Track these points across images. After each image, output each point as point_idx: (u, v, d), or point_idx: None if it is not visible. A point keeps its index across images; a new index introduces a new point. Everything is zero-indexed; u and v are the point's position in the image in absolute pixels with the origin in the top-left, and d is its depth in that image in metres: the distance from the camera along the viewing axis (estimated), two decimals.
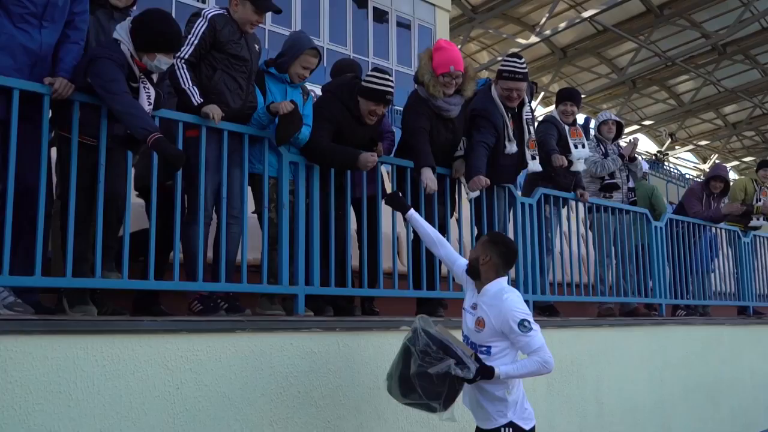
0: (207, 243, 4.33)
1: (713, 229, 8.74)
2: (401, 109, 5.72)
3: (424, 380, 3.52)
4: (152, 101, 3.97)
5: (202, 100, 4.31)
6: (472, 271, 3.86)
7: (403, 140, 5.52)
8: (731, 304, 8.98)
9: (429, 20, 20.37)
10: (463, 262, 4.04)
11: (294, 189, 4.65)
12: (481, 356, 3.69)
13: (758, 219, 9.28)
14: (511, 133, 5.60)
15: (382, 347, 4.61)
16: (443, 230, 5.32)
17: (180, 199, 4.16)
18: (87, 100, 3.77)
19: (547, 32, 24.29)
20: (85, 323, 3.50)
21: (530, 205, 6.14)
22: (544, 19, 23.69)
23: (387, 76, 4.94)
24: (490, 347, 3.73)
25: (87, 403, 3.35)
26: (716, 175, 8.89)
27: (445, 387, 3.53)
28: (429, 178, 5.10)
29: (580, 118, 7.47)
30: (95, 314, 3.86)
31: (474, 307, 3.83)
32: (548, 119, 6.96)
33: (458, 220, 6.38)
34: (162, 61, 3.91)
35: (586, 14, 23.84)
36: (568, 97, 7.04)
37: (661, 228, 7.66)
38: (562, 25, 23.63)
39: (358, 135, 5.03)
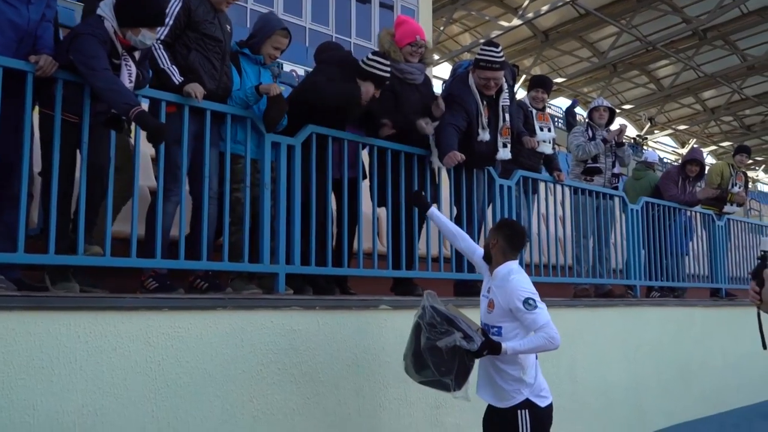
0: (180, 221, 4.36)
1: (688, 213, 8.87)
2: None
3: (435, 355, 3.68)
4: (133, 79, 3.98)
5: (182, 78, 4.34)
6: (486, 256, 4.08)
7: None
8: (704, 286, 9.15)
9: (412, 1, 20.30)
10: (481, 251, 4.22)
11: (275, 169, 4.69)
12: (493, 337, 3.82)
13: (731, 205, 9.45)
14: (485, 122, 5.66)
15: (360, 326, 4.68)
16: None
17: (163, 177, 4.18)
18: (70, 77, 3.79)
19: (530, 15, 24.25)
20: (68, 300, 3.54)
21: (509, 187, 6.23)
22: (526, 2, 23.67)
23: (387, 62, 5.10)
24: (500, 327, 3.89)
25: (69, 378, 3.40)
26: (692, 159, 9.02)
27: (456, 362, 3.67)
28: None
29: (568, 101, 7.66)
30: (77, 291, 3.89)
31: (488, 291, 4.00)
32: (517, 103, 6.98)
33: (438, 202, 6.44)
34: (147, 36, 3.92)
35: None
36: (539, 84, 7.31)
37: (636, 211, 7.78)
38: (545, 8, 23.60)
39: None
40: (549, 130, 7.07)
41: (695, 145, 31.99)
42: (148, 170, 5.82)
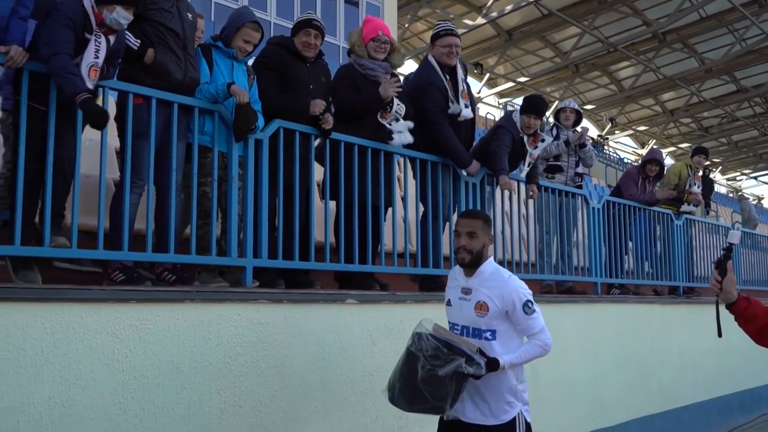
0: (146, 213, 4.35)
1: (647, 212, 9.04)
2: None
3: (432, 384, 3.44)
4: (101, 55, 3.96)
5: (139, 42, 4.37)
6: (474, 260, 3.72)
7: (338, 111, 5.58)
8: (663, 284, 9.32)
9: None
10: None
11: (243, 164, 4.69)
12: (486, 342, 3.63)
13: (689, 205, 9.66)
14: (451, 95, 5.95)
15: (327, 320, 4.72)
16: (385, 209, 5.49)
17: (129, 168, 4.16)
18: (36, 68, 3.76)
19: (494, 14, 24.48)
20: (34, 291, 3.51)
21: (474, 184, 6.31)
22: (490, 1, 23.86)
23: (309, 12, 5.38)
24: (495, 330, 3.65)
25: (36, 369, 3.38)
26: (652, 159, 9.19)
27: (453, 386, 3.46)
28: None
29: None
30: (39, 281, 3.86)
31: (467, 292, 3.73)
32: (507, 125, 6.69)
33: (403, 198, 6.49)
34: (120, 15, 3.93)
35: None
36: (534, 110, 6.69)
37: (598, 209, 7.92)
38: (509, 7, 23.83)
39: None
40: (542, 141, 6.87)
41: (654, 146, 32.55)
42: (112, 162, 5.78)
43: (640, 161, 9.81)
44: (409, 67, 25.21)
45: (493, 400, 3.65)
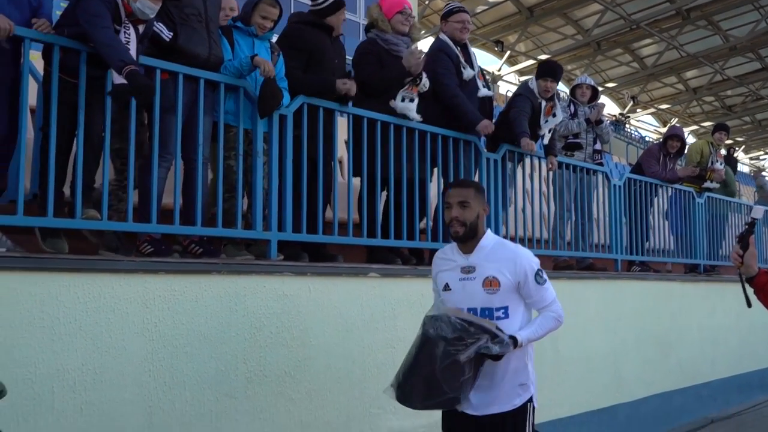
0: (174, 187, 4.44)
1: (669, 189, 9.03)
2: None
3: (451, 372, 3.15)
4: (131, 46, 4.02)
5: (171, 33, 4.41)
6: (470, 232, 3.39)
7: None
8: (683, 261, 9.32)
9: None
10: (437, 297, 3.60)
11: (268, 139, 4.75)
12: (499, 321, 3.31)
13: (711, 182, 9.64)
14: (463, 61, 6.11)
15: (350, 292, 4.79)
16: (399, 184, 5.52)
17: (157, 143, 4.24)
18: (67, 43, 3.84)
19: None
20: (68, 261, 3.61)
21: (495, 161, 6.34)
22: None
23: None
24: (507, 307, 3.36)
25: (69, 337, 3.48)
26: (673, 135, 9.17)
27: (472, 372, 3.19)
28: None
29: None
30: (66, 249, 3.96)
31: (469, 270, 3.39)
32: (524, 92, 6.87)
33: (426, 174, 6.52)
34: (145, 5, 3.97)
35: None
36: (550, 73, 6.85)
37: (619, 187, 7.92)
38: None
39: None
40: (554, 115, 6.91)
41: (678, 125, 32.25)
42: None
43: (661, 138, 9.77)
44: (428, 44, 25.11)
45: (507, 383, 3.36)
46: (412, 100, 5.58)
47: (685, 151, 9.50)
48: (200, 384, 3.94)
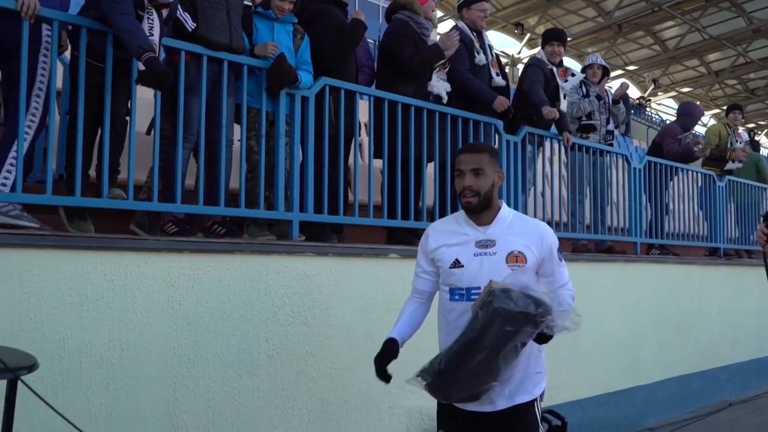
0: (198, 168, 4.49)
1: (690, 173, 8.99)
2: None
3: (511, 356, 2.80)
4: (155, 32, 4.06)
5: (195, 24, 4.44)
6: (484, 202, 3.03)
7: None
8: (704, 245, 9.30)
9: None
10: (422, 280, 3.25)
11: (290, 120, 4.80)
12: None
13: (734, 163, 9.59)
14: (477, 46, 6.22)
15: (370, 273, 4.85)
16: (419, 166, 5.60)
17: (181, 124, 4.30)
18: (94, 26, 3.90)
19: None
20: (95, 240, 3.69)
21: (515, 143, 6.35)
22: None
23: None
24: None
25: (97, 314, 3.57)
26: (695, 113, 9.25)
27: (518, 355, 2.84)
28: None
29: (572, 61, 7.62)
30: (92, 230, 4.04)
31: (487, 245, 3.00)
32: (534, 62, 7.06)
33: (443, 154, 6.55)
34: None
35: None
36: (555, 37, 7.16)
37: (639, 170, 7.91)
38: None
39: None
40: (572, 75, 7.13)
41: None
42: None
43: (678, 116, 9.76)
44: (447, 26, 25.02)
45: (528, 370, 3.02)
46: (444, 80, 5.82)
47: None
48: (223, 361, 4.01)
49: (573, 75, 6.96)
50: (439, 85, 5.74)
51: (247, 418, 4.10)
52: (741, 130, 9.95)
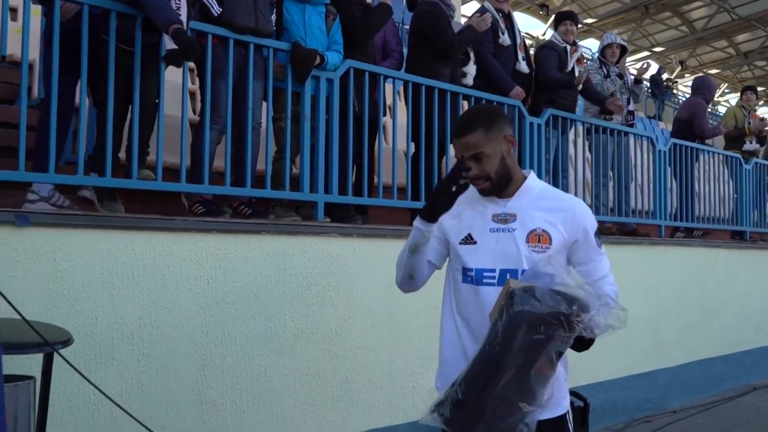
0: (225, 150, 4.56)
1: (716, 156, 8.94)
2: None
3: (546, 372, 2.19)
4: (182, 11, 4.12)
5: (221, 9, 4.49)
6: (501, 181, 2.48)
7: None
8: (729, 228, 9.24)
9: None
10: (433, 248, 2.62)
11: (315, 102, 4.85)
12: None
13: (751, 142, 9.55)
14: (501, 26, 6.28)
15: (394, 254, 4.84)
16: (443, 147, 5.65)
17: (209, 107, 4.37)
18: (123, 9, 3.96)
19: None
20: (126, 220, 3.77)
21: (538, 125, 6.35)
22: None
23: None
24: (553, 275, 2.24)
25: (127, 292, 3.66)
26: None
27: (554, 369, 2.22)
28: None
29: (597, 42, 7.73)
30: (122, 211, 4.13)
31: (506, 219, 2.48)
32: (547, 44, 7.25)
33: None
34: None
35: None
36: (567, 16, 7.45)
37: (664, 152, 7.87)
38: None
39: None
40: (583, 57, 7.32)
41: (728, 90, 31.52)
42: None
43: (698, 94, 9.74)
44: (470, 8, 24.89)
45: (557, 380, 2.36)
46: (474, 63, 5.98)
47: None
48: (250, 339, 4.10)
49: (590, 60, 7.15)
50: (473, 67, 5.92)
51: (273, 395, 4.19)
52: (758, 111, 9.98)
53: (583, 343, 2.27)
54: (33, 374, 2.92)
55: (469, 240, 2.51)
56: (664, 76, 28.36)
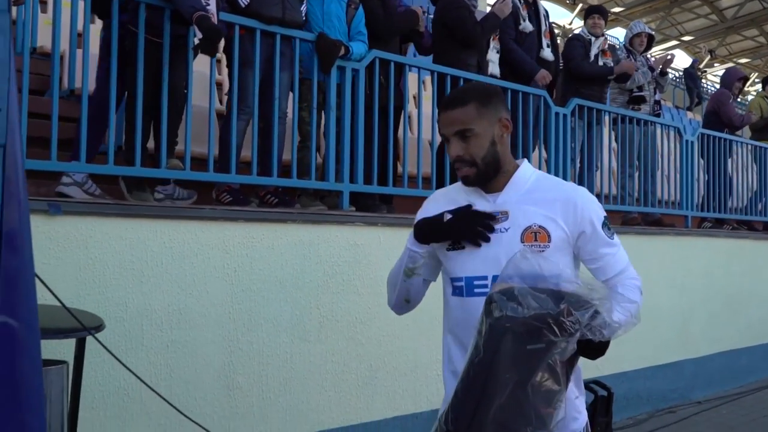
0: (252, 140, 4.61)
1: (745, 146, 8.86)
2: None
3: (548, 388, 1.81)
4: (210, 2, 4.17)
5: (248, 1, 4.53)
6: (487, 171, 2.14)
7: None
8: (757, 219, 9.15)
9: None
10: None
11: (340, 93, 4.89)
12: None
13: None
14: (523, 13, 6.33)
15: None
16: None
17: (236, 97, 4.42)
18: (152, 1, 4.03)
19: None
20: (155, 209, 3.85)
21: (564, 115, 6.34)
22: None
23: None
24: (559, 275, 1.92)
25: (156, 280, 3.73)
26: (742, 77, 9.18)
27: (564, 382, 1.85)
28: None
29: (623, 32, 7.81)
30: (151, 200, 4.21)
31: (496, 219, 2.13)
32: (574, 37, 7.45)
33: None
34: None
35: None
36: (596, 10, 7.64)
37: (691, 142, 7.82)
38: None
39: None
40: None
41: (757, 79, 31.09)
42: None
43: (720, 84, 9.68)
44: None
45: (569, 395, 2.01)
46: (497, 51, 6.03)
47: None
48: (276, 327, 4.16)
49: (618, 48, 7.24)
50: (493, 56, 5.96)
51: (298, 382, 4.25)
52: None
53: (594, 348, 1.92)
54: (65, 359, 2.99)
55: (456, 246, 2.18)
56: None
